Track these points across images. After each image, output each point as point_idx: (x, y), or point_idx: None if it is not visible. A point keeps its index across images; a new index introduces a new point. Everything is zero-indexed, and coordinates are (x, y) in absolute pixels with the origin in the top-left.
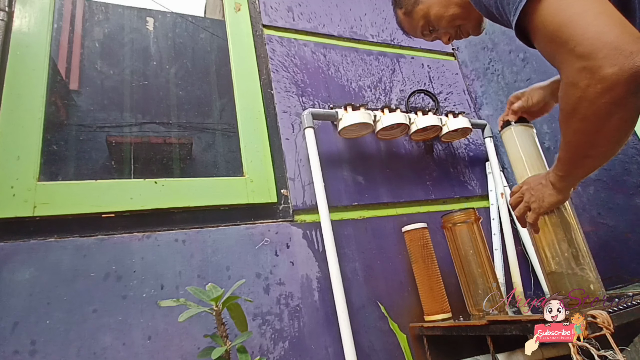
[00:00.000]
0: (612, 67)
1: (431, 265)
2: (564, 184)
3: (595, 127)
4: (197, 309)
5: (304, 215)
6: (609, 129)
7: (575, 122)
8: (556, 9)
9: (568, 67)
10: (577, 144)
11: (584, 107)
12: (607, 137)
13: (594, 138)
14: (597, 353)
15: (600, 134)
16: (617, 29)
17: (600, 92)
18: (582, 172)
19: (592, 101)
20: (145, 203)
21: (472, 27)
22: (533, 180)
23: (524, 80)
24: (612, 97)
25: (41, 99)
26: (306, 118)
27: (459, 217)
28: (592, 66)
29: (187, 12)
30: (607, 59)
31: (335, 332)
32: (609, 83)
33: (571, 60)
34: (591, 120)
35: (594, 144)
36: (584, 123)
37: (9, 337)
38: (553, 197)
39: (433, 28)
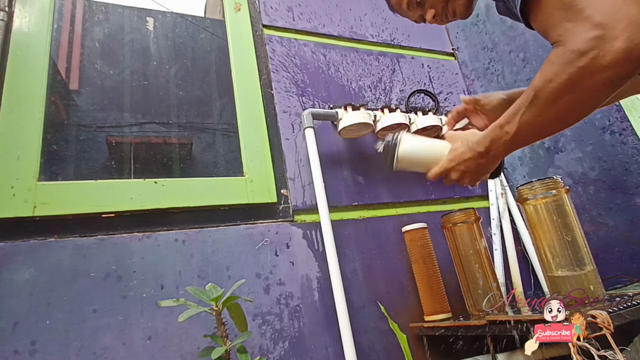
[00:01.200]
0: (629, 41)
1: (431, 265)
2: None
3: (582, 103)
4: (197, 309)
5: (304, 215)
6: (591, 106)
7: (569, 91)
8: None
9: (577, 34)
10: (549, 116)
11: (583, 78)
12: (583, 114)
13: (574, 115)
14: (597, 353)
15: (581, 110)
16: (637, 4)
17: (607, 66)
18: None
19: (592, 73)
20: (145, 203)
21: (462, 5)
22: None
23: (524, 80)
24: (616, 73)
25: (41, 99)
26: (306, 118)
27: (459, 217)
28: (608, 36)
29: (187, 12)
30: (625, 31)
31: (335, 332)
32: (620, 57)
33: (584, 28)
34: (582, 94)
35: (565, 118)
36: (580, 94)
37: (9, 337)
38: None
39: (421, 0)
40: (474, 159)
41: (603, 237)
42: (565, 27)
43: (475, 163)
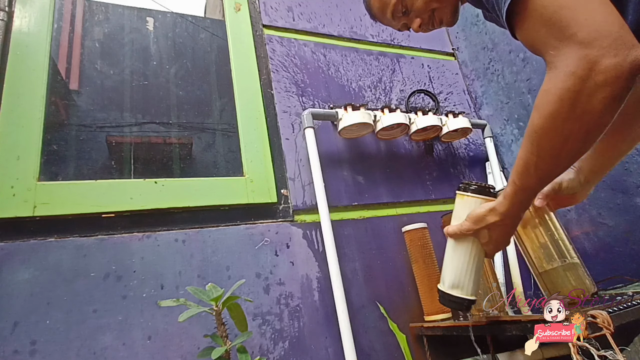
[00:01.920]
0: (615, 58)
1: (431, 265)
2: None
3: (589, 128)
4: (197, 309)
5: (304, 215)
6: (600, 129)
7: (569, 117)
8: None
9: (566, 55)
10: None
11: (582, 102)
12: (593, 138)
13: (583, 140)
14: (597, 353)
15: (590, 135)
16: (619, 20)
17: (602, 85)
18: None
19: (590, 95)
20: (145, 203)
21: (448, 13)
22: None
23: (524, 80)
24: (613, 91)
25: (41, 99)
26: (306, 118)
27: None
28: (594, 55)
29: (187, 12)
30: (610, 48)
31: (335, 332)
32: (611, 75)
33: (570, 47)
34: (586, 118)
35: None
36: (580, 118)
37: (9, 337)
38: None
39: (406, 9)
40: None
41: (603, 237)
42: (552, 46)
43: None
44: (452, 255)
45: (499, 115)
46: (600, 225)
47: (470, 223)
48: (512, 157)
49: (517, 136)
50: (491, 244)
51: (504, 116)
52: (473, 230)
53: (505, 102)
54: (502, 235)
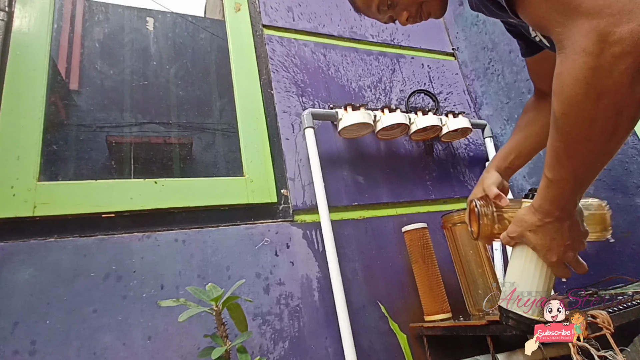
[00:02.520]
0: (629, 23)
1: (431, 265)
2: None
3: (618, 106)
4: (197, 309)
5: (304, 215)
6: (633, 104)
7: (588, 105)
8: None
9: (572, 30)
10: (582, 130)
11: (602, 79)
12: (629, 116)
13: (614, 121)
14: (597, 353)
15: (623, 114)
16: None
17: (619, 56)
18: (588, 174)
19: (609, 69)
20: (145, 203)
21: (437, 5)
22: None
23: (524, 80)
24: (635, 59)
25: (41, 99)
26: (306, 118)
27: (458, 217)
28: (604, 26)
29: (187, 12)
30: (622, 14)
31: (335, 332)
32: (628, 42)
33: (576, 22)
34: (611, 95)
35: (614, 129)
36: (601, 100)
37: (9, 337)
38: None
39: (392, 2)
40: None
41: None
42: (558, 22)
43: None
44: (510, 266)
45: (499, 115)
46: None
47: (513, 225)
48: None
49: None
50: (541, 249)
51: (504, 116)
52: (517, 232)
53: (505, 102)
54: (548, 239)
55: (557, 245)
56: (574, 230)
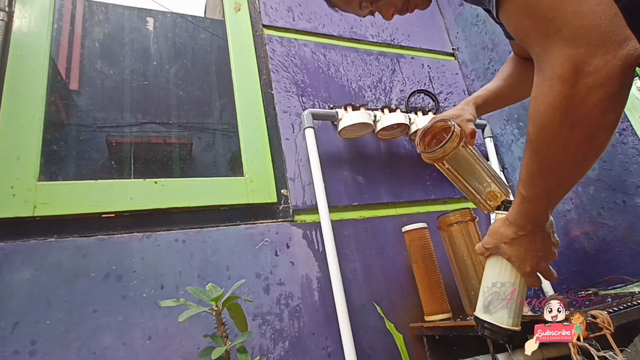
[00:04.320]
0: (605, 56)
1: (431, 266)
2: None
3: (590, 134)
4: (197, 309)
5: (304, 215)
6: (604, 132)
7: (563, 126)
8: None
9: (550, 54)
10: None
11: (576, 108)
12: (600, 143)
13: (587, 147)
14: (597, 353)
15: (595, 140)
16: (610, 10)
17: (594, 87)
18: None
19: (583, 99)
20: (145, 203)
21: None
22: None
23: None
24: (608, 91)
25: (41, 99)
26: (306, 118)
27: (454, 217)
28: (581, 55)
29: (187, 12)
30: (599, 45)
31: (335, 332)
32: (603, 74)
33: (554, 46)
34: (584, 124)
35: (586, 153)
36: (576, 126)
37: (9, 337)
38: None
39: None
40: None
41: (603, 237)
42: (537, 42)
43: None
44: (484, 275)
45: (499, 115)
46: (600, 225)
47: (489, 237)
48: (512, 157)
49: (517, 136)
50: (516, 260)
51: (504, 116)
52: (492, 244)
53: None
54: (522, 250)
55: (530, 256)
56: (546, 242)
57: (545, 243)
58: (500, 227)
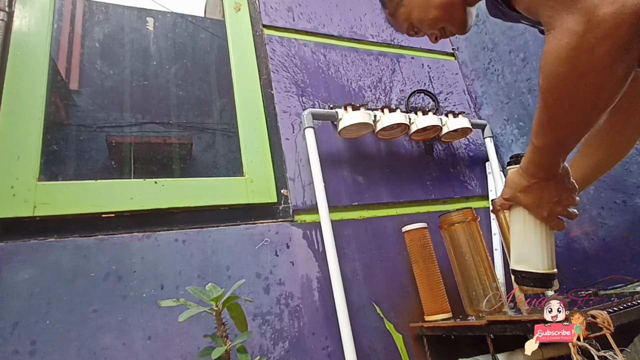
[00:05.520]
0: (612, 5)
1: (431, 265)
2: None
3: (597, 85)
4: (197, 309)
5: (304, 215)
6: (612, 84)
7: (570, 77)
8: None
9: (560, 12)
10: (571, 107)
11: (583, 59)
12: (609, 94)
13: (594, 97)
14: (597, 353)
15: (602, 91)
16: None
17: (602, 38)
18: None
19: (591, 50)
20: (145, 203)
21: (456, 27)
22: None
23: (524, 80)
24: (616, 42)
25: (41, 99)
26: (306, 118)
27: (456, 217)
28: (589, 7)
29: (187, 12)
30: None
31: (335, 332)
32: (610, 24)
33: (565, 4)
34: (592, 73)
35: (594, 104)
36: (583, 77)
37: (9, 337)
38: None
39: (417, 30)
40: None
41: (603, 237)
42: (548, 6)
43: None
44: (511, 230)
45: (499, 115)
46: (600, 225)
47: (506, 188)
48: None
49: (517, 136)
50: (532, 207)
51: (504, 116)
52: (509, 194)
53: (505, 102)
54: (536, 197)
55: (545, 202)
56: (559, 187)
57: (559, 189)
58: (515, 177)
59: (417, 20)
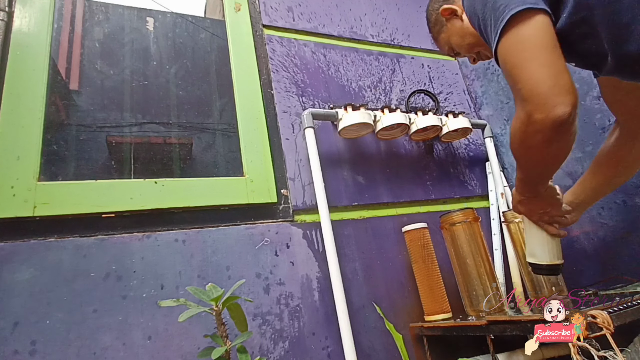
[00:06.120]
0: (541, 114)
1: (431, 265)
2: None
3: (537, 154)
4: (197, 309)
5: (304, 215)
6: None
7: (522, 148)
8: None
9: (517, 103)
10: (526, 162)
11: (527, 138)
12: (548, 160)
13: (537, 160)
14: (597, 353)
15: (541, 159)
16: (551, 81)
17: (534, 132)
18: (535, 179)
19: (530, 136)
20: (145, 203)
21: (490, 52)
22: None
23: None
24: (544, 136)
25: (41, 99)
26: (306, 118)
27: (457, 217)
28: (529, 110)
29: (187, 12)
30: (538, 106)
31: (335, 332)
32: (539, 126)
33: (518, 99)
34: (533, 149)
35: (539, 163)
36: (529, 150)
37: (9, 337)
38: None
39: (457, 52)
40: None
41: (603, 237)
42: (513, 92)
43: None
44: (524, 232)
45: (499, 115)
46: (600, 225)
47: (512, 200)
48: (511, 157)
49: None
50: (525, 214)
51: (504, 116)
52: (513, 206)
53: (505, 102)
54: (527, 209)
55: (534, 212)
56: (545, 202)
57: (544, 203)
58: (514, 192)
59: (455, 45)
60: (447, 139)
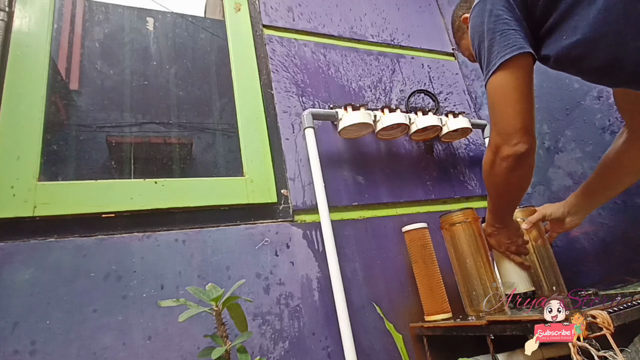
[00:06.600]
0: (508, 148)
1: (431, 266)
2: (494, 219)
3: (502, 180)
4: (197, 309)
5: (304, 215)
6: (511, 182)
7: (491, 176)
8: (499, 92)
9: (491, 133)
10: (495, 189)
11: (495, 166)
12: (510, 187)
13: (503, 186)
14: (597, 353)
15: (506, 185)
16: (519, 125)
17: (501, 160)
18: (503, 207)
19: (498, 164)
20: (145, 203)
21: None
22: None
23: None
24: (508, 165)
25: (41, 99)
26: (306, 118)
27: (457, 217)
28: (499, 143)
29: (187, 12)
30: (506, 142)
31: (335, 332)
32: (504, 157)
33: (493, 130)
34: (500, 176)
35: (504, 189)
36: (497, 177)
37: (9, 337)
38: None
39: None
40: (493, 232)
41: (603, 237)
42: (491, 124)
43: (497, 232)
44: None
45: None
46: (600, 225)
47: (483, 233)
48: None
49: None
50: (494, 245)
51: None
52: (484, 236)
53: None
54: (496, 240)
55: (502, 243)
56: (511, 234)
57: (510, 235)
58: (485, 225)
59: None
60: (447, 139)
